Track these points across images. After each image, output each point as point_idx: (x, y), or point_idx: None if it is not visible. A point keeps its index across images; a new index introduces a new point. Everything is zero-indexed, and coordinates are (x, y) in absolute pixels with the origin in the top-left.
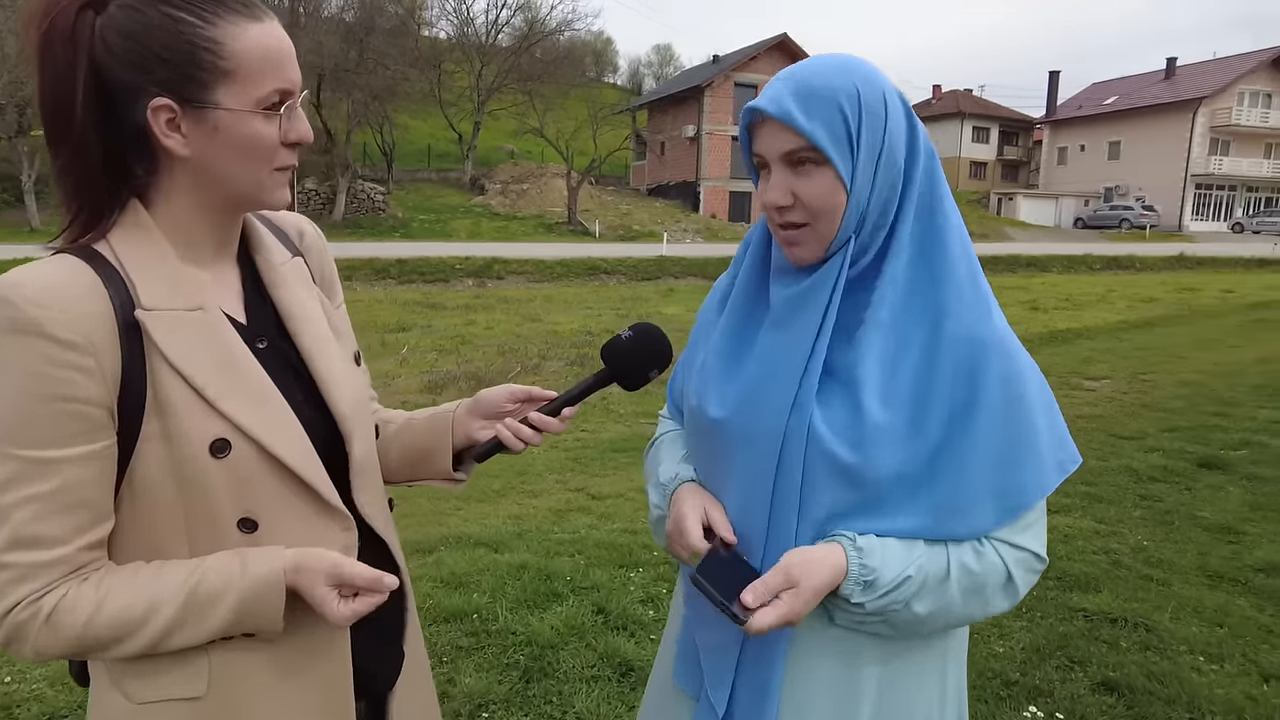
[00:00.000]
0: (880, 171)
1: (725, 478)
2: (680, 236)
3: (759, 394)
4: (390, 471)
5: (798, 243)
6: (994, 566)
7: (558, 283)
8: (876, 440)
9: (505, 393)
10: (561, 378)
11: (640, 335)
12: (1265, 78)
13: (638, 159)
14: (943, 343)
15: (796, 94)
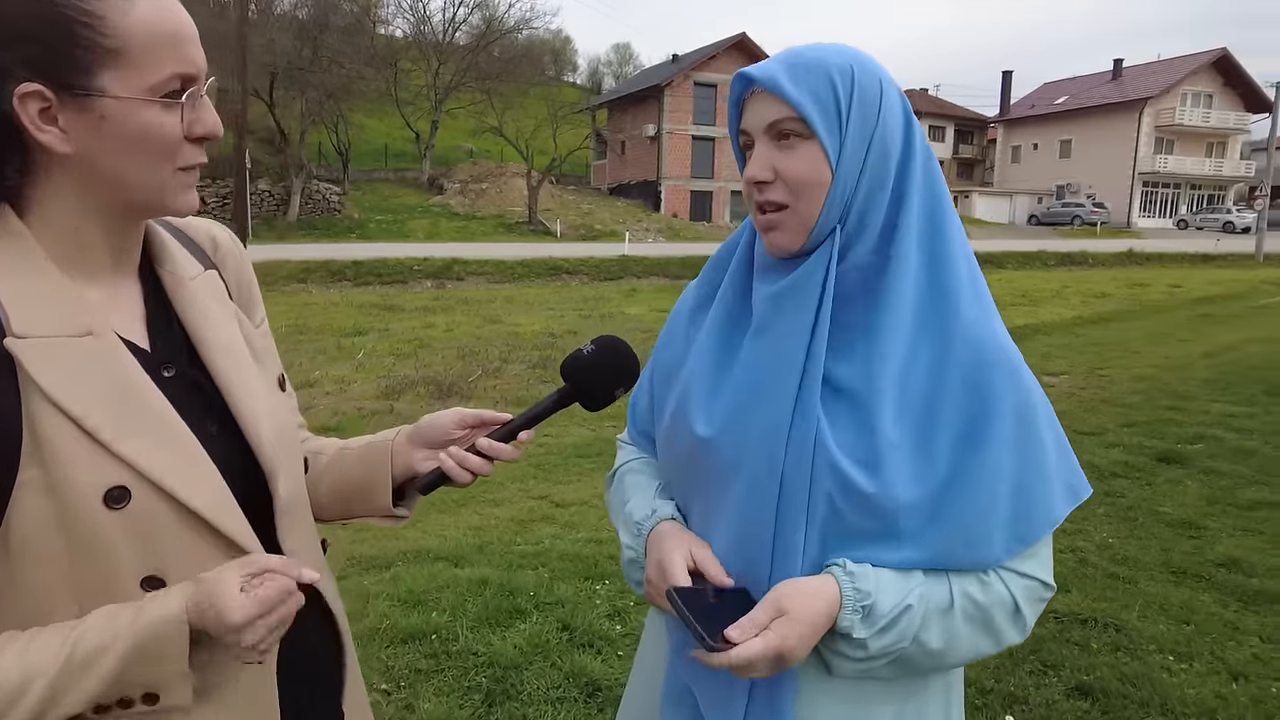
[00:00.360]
0: (871, 157)
1: (715, 509)
2: (642, 236)
3: (750, 408)
4: (321, 509)
5: (777, 226)
6: (1000, 598)
7: (519, 283)
8: (894, 464)
9: (452, 418)
10: (524, 380)
11: (603, 350)
12: (1206, 79)
13: (598, 158)
14: (951, 359)
15: (786, 63)
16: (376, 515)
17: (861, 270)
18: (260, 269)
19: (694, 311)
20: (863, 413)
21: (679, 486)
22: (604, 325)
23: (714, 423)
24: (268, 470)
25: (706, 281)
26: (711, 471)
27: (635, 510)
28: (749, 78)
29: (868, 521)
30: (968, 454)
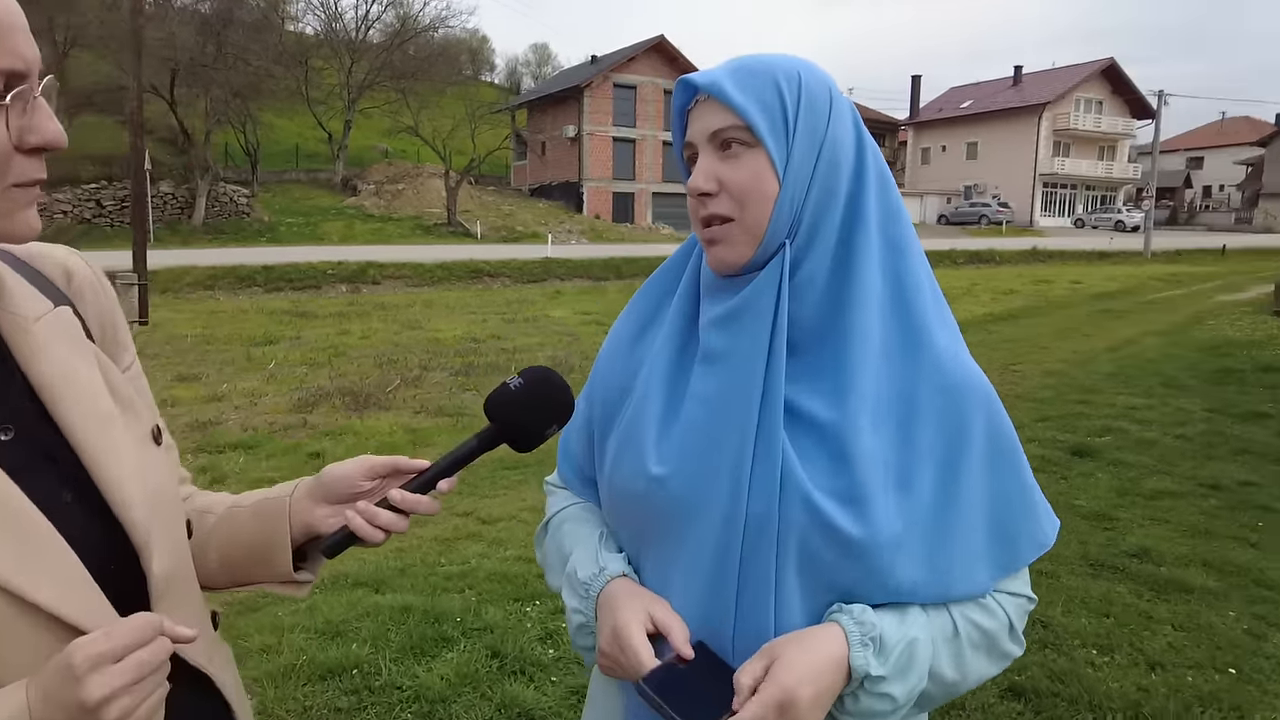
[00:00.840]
0: (820, 166)
1: (672, 557)
2: (565, 237)
3: (707, 443)
4: (210, 577)
5: (721, 241)
6: (1001, 621)
7: (438, 286)
8: (876, 499)
9: (359, 468)
10: (445, 389)
11: (533, 383)
12: (1097, 86)
13: (518, 159)
14: (924, 387)
15: (731, 70)
16: (274, 582)
17: (817, 289)
18: (164, 275)
19: (636, 336)
20: (836, 445)
21: (628, 533)
22: (528, 328)
23: (668, 460)
24: (138, 545)
25: (648, 302)
26: (666, 515)
27: (580, 567)
28: (692, 85)
29: (850, 563)
30: (950, 483)
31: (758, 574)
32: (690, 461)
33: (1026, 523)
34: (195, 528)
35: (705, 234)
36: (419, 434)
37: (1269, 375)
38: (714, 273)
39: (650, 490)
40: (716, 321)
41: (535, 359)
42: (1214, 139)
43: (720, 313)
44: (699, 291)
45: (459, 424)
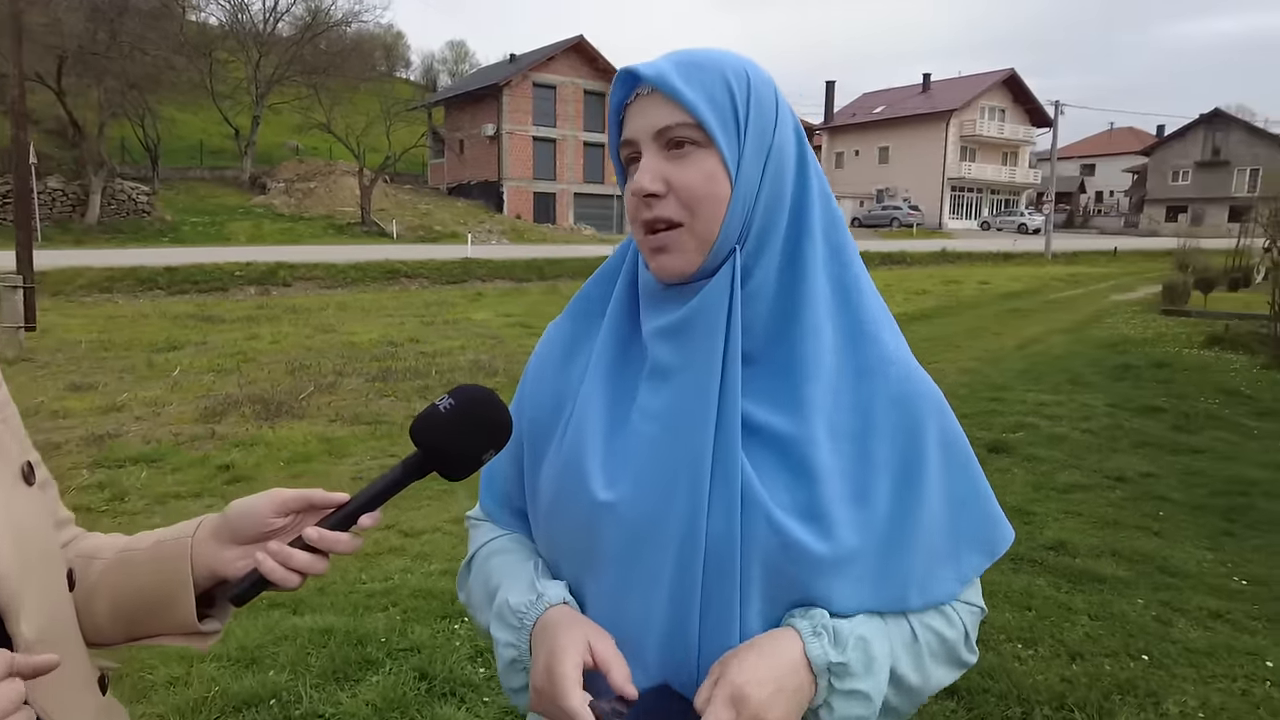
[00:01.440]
0: (769, 169)
1: (625, 588)
2: (485, 237)
3: (660, 463)
4: (97, 630)
5: (668, 248)
6: (959, 630)
7: (352, 288)
8: (838, 514)
9: (270, 504)
10: (362, 395)
11: (465, 403)
12: (999, 95)
13: (435, 157)
14: (878, 395)
15: (676, 62)
16: (176, 634)
17: (766, 298)
18: (54, 277)
19: (568, 352)
20: (794, 458)
21: (570, 565)
22: (448, 331)
23: (616, 484)
24: (3, 604)
25: (580, 314)
26: (617, 542)
27: (512, 595)
28: (635, 75)
29: (813, 580)
30: (906, 493)
31: (721, 597)
32: (643, 484)
33: (981, 530)
34: (79, 577)
35: (650, 240)
36: (335, 443)
37: (1161, 371)
38: (657, 281)
39: (597, 517)
40: (663, 333)
41: (457, 363)
42: (1104, 148)
43: (667, 323)
44: (636, 298)
45: (377, 432)
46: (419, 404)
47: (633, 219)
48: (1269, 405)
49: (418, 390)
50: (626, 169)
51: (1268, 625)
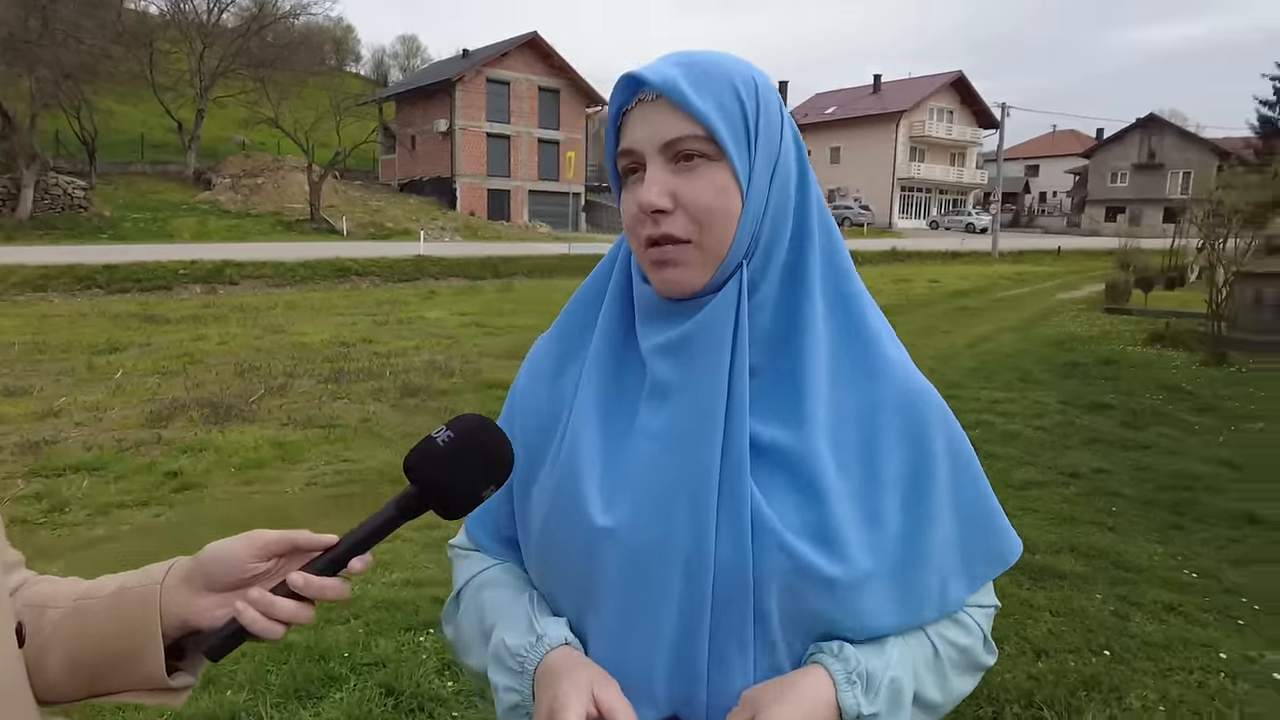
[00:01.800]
0: (776, 181)
1: (626, 620)
2: (438, 235)
3: (664, 487)
4: (51, 688)
5: (675, 263)
6: (975, 635)
7: (302, 287)
8: (848, 536)
9: (250, 548)
10: (315, 398)
11: (464, 435)
12: (948, 97)
13: (387, 153)
14: (883, 408)
15: (683, 67)
16: (142, 690)
17: (767, 311)
18: None
19: (558, 368)
20: (803, 477)
21: (567, 596)
22: (402, 331)
23: (617, 509)
24: None
25: (572, 323)
26: (618, 572)
27: (510, 635)
28: (639, 81)
29: (829, 604)
30: (917, 509)
31: (730, 626)
32: (645, 509)
33: (990, 538)
34: (30, 630)
35: (654, 254)
36: (288, 448)
37: (1109, 368)
38: (659, 295)
39: (596, 544)
40: (664, 350)
41: (411, 363)
42: (1047, 149)
43: (668, 340)
44: (628, 312)
45: (331, 435)
46: (374, 406)
47: (632, 233)
48: (1208, 401)
49: (371, 392)
50: (624, 179)
51: (1218, 617)
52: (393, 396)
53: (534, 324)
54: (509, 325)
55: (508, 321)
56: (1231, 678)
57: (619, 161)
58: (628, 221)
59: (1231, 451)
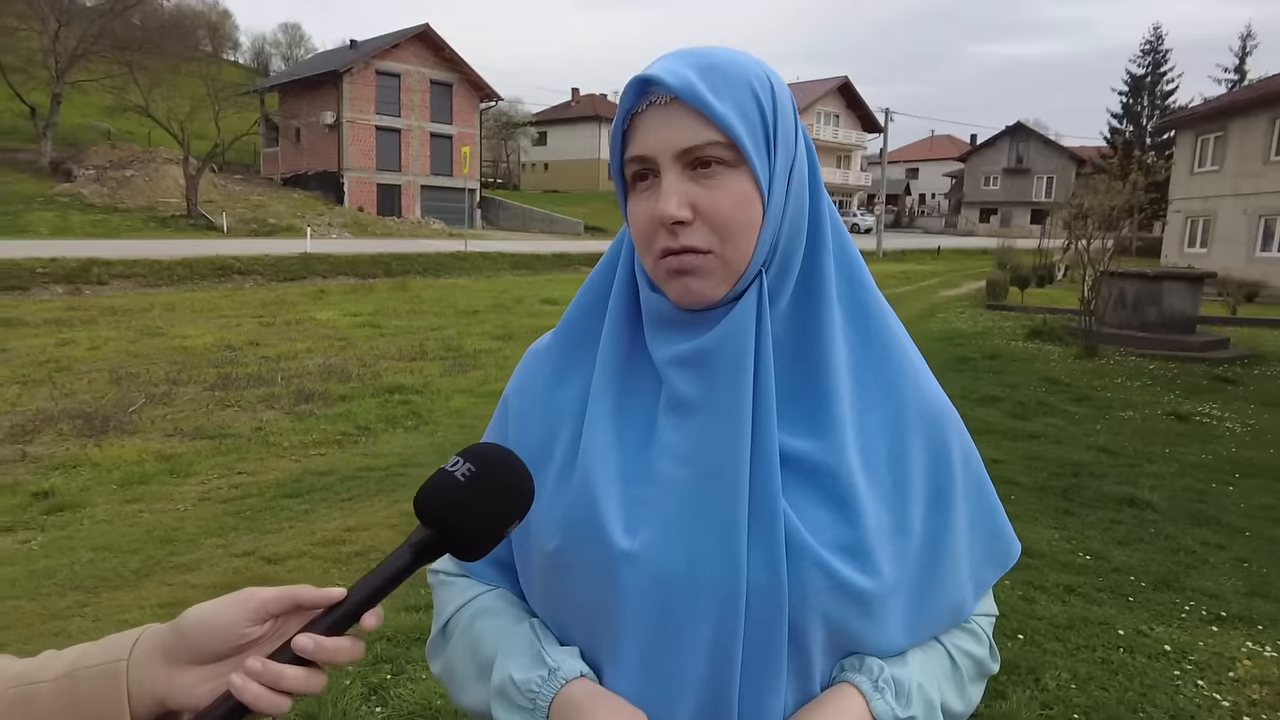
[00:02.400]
0: (793, 185)
1: (651, 651)
2: (325, 231)
3: (691, 506)
4: None
5: (695, 272)
6: (985, 644)
7: (180, 286)
8: (876, 548)
9: (243, 611)
10: (202, 406)
11: (486, 467)
12: (834, 102)
13: (269, 146)
14: (906, 418)
15: (699, 69)
16: None
17: (783, 320)
18: None
19: (557, 378)
20: (833, 488)
21: (581, 625)
22: (292, 333)
23: (639, 530)
24: None
25: (571, 339)
26: (640, 599)
27: (515, 668)
28: (652, 83)
29: (865, 622)
30: (938, 518)
31: (765, 657)
32: (670, 530)
33: (996, 545)
34: None
35: (673, 263)
36: (176, 461)
37: (994, 362)
38: (675, 304)
39: (618, 569)
40: (683, 362)
41: (304, 367)
42: (926, 153)
43: (685, 351)
44: (634, 319)
45: (222, 446)
46: (266, 414)
47: (645, 243)
48: (1084, 392)
49: (263, 399)
50: (632, 184)
51: (1111, 596)
52: (286, 403)
53: (433, 324)
54: (406, 326)
55: (405, 322)
56: (1129, 652)
57: (627, 168)
58: (640, 231)
59: (1107, 438)
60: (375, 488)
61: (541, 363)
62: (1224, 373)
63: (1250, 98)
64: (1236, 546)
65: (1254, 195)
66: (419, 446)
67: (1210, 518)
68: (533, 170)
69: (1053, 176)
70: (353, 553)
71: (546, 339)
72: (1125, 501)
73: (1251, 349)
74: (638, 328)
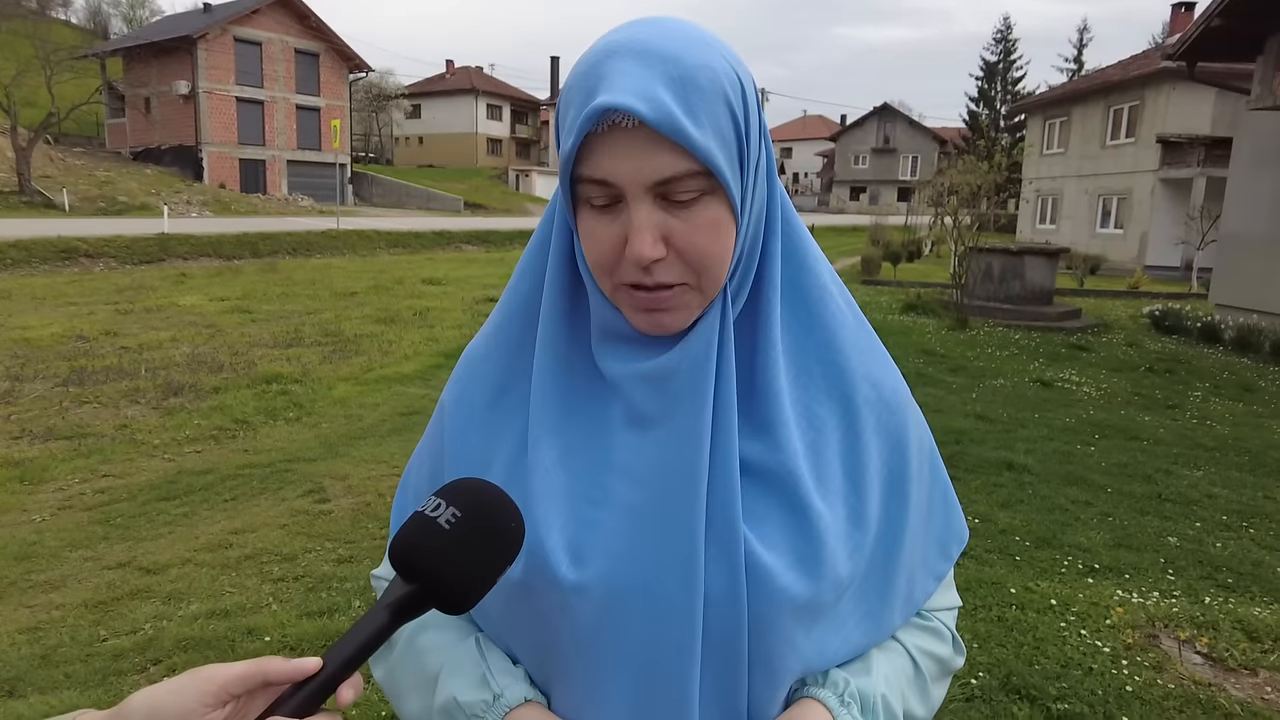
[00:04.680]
0: (758, 188)
1: (601, 679)
2: (184, 210)
3: (647, 532)
4: None
5: (669, 308)
6: (946, 641)
7: (16, 271)
8: (830, 549)
9: (202, 693)
10: (54, 404)
11: (473, 509)
12: None
13: (114, 116)
14: (856, 404)
15: (675, 86)
16: None
17: (737, 324)
18: None
19: (497, 391)
20: (784, 493)
21: (530, 653)
22: (153, 321)
23: (589, 562)
24: None
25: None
26: (590, 633)
27: (461, 690)
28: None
29: (813, 622)
30: (893, 507)
31: (724, 678)
32: (625, 558)
33: (949, 532)
34: None
35: (643, 300)
36: (26, 467)
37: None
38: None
39: (566, 603)
40: (645, 379)
41: (171, 358)
42: (799, 133)
43: (650, 369)
44: (572, 326)
45: (81, 448)
46: (131, 410)
47: (605, 271)
48: (959, 362)
49: (126, 393)
50: (580, 203)
51: (1000, 556)
52: (153, 397)
53: (307, 308)
54: (279, 310)
55: (277, 306)
56: (1020, 608)
57: (581, 186)
58: (599, 256)
59: (984, 406)
60: (259, 486)
61: (478, 370)
62: (1078, 341)
63: (1088, 86)
64: (1101, 503)
65: (1093, 176)
66: (304, 440)
67: (1078, 477)
68: (406, 144)
69: (917, 156)
70: (242, 556)
71: (481, 343)
72: (1004, 465)
73: (1099, 318)
74: (576, 329)
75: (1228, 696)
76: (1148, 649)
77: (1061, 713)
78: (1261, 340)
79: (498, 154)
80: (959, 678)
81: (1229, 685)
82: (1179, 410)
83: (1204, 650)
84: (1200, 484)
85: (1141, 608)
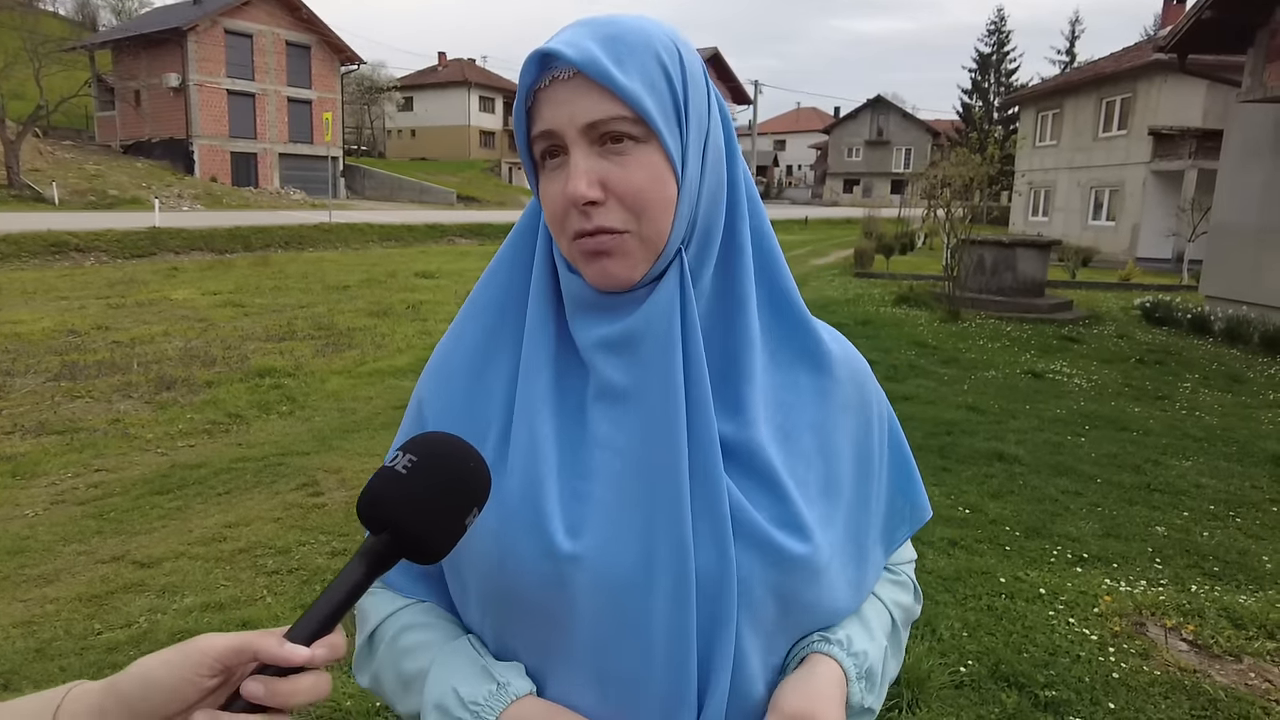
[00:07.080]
0: (708, 159)
1: (604, 656)
2: (175, 203)
3: (634, 501)
4: None
5: (611, 253)
6: (910, 589)
7: (6, 266)
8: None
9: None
10: (47, 399)
11: (431, 457)
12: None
13: (104, 109)
14: (831, 385)
15: (602, 40)
16: None
17: (705, 297)
18: None
19: (481, 361)
20: (755, 467)
21: (526, 634)
22: (145, 315)
23: (584, 531)
24: None
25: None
26: (591, 604)
27: (461, 684)
28: (553, 56)
29: (806, 587)
30: (861, 476)
31: (720, 646)
32: (617, 529)
33: (911, 490)
34: None
35: (588, 244)
36: (19, 462)
37: (867, 328)
38: (594, 288)
39: (563, 573)
40: (608, 347)
41: (163, 351)
42: (792, 125)
43: (610, 335)
44: (553, 307)
45: (74, 442)
46: (123, 404)
47: (558, 225)
48: (950, 354)
49: (118, 388)
50: (541, 163)
51: (990, 546)
52: (145, 391)
53: (300, 301)
54: (271, 304)
55: (269, 300)
56: (1009, 597)
57: (535, 146)
58: (552, 212)
59: (975, 397)
60: (253, 479)
61: (452, 357)
62: (1069, 333)
63: (1080, 79)
64: (1091, 493)
65: (1085, 169)
66: (297, 433)
67: (1068, 468)
68: (399, 137)
69: (911, 148)
70: (235, 550)
71: (452, 337)
72: (995, 456)
73: (1090, 310)
74: (562, 311)
75: (1212, 683)
76: (1135, 637)
77: (1049, 700)
78: (1251, 332)
79: (490, 146)
80: (949, 666)
81: (1214, 671)
82: (1168, 401)
83: (1190, 637)
84: (1188, 474)
85: (1129, 596)
